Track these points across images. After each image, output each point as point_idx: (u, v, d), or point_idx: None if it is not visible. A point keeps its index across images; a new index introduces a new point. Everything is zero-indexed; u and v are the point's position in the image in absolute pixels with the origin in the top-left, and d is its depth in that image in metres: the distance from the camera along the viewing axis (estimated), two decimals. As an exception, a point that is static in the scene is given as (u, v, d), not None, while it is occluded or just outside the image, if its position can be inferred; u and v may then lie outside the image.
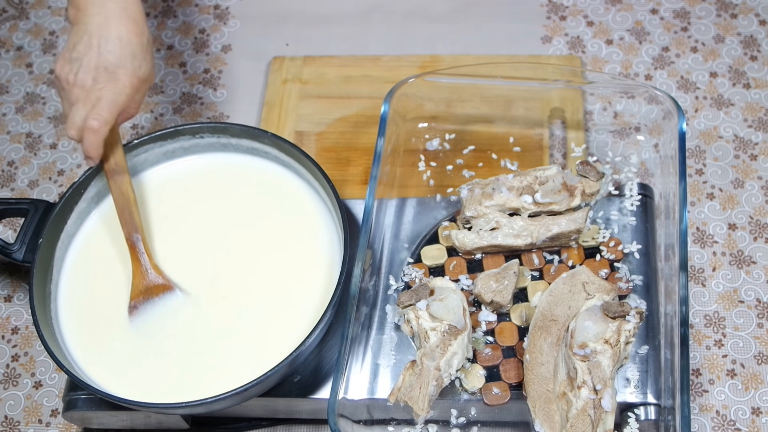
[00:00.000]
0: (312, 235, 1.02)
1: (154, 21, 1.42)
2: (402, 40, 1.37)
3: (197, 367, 0.95)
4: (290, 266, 1.00)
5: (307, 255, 1.01)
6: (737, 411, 1.04)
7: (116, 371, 0.95)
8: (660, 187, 1.05)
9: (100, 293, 1.01)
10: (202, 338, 0.97)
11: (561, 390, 0.89)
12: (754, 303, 1.11)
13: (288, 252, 1.01)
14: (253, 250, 1.02)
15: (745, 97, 1.27)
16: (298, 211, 1.04)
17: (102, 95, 0.95)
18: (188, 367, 0.95)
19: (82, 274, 1.03)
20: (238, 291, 0.99)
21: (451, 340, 0.92)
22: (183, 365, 0.95)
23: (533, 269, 1.01)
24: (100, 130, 0.95)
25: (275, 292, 0.99)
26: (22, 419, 1.10)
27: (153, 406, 0.89)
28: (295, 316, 0.96)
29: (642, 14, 1.36)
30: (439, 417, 0.94)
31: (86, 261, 1.03)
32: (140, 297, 0.98)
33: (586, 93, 1.23)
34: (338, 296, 0.92)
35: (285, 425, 1.07)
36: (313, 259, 1.00)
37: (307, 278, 0.99)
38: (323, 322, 0.91)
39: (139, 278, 0.99)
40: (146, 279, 0.99)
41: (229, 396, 0.88)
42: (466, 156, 1.13)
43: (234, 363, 0.94)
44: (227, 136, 1.07)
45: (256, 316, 0.97)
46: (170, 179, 1.08)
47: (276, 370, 0.88)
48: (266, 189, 1.06)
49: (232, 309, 0.98)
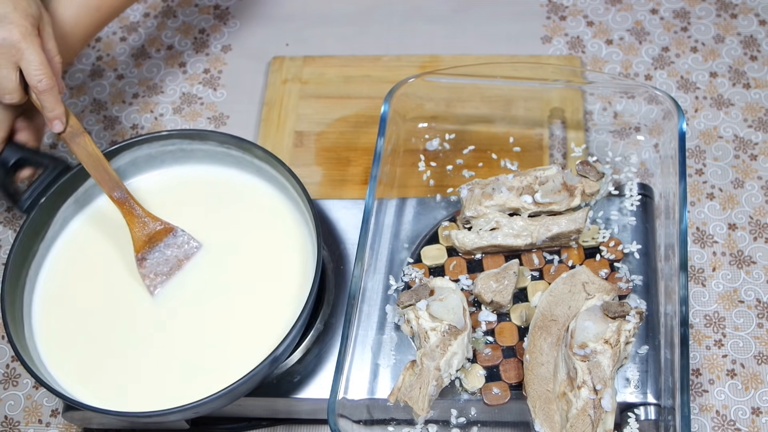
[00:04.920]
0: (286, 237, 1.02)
1: (155, 21, 1.42)
2: (402, 40, 1.37)
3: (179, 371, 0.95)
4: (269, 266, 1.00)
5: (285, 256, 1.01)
6: (737, 411, 1.04)
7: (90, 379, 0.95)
8: (660, 187, 1.05)
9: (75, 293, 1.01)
10: (183, 343, 0.96)
11: (561, 390, 0.89)
12: (754, 303, 1.11)
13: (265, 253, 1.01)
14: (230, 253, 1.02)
15: (745, 97, 1.27)
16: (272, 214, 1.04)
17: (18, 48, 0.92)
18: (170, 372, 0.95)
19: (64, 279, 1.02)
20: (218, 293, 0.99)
21: (451, 340, 0.92)
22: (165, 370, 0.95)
23: (533, 269, 1.01)
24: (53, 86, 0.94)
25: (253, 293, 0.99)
26: (22, 419, 1.10)
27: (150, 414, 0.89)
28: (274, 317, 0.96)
29: (642, 14, 1.36)
30: (439, 417, 0.94)
31: (69, 267, 1.03)
32: (145, 247, 0.99)
33: (586, 93, 1.23)
34: (314, 296, 0.92)
35: (285, 425, 1.07)
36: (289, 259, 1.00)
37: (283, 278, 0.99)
38: (301, 320, 0.91)
39: (138, 229, 0.99)
40: (147, 227, 1.00)
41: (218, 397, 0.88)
42: (466, 156, 1.13)
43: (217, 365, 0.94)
44: (190, 141, 1.07)
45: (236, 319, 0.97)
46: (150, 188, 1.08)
47: (258, 370, 0.88)
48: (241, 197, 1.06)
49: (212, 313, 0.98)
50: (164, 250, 1.00)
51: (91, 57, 1.39)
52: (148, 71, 1.37)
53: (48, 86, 0.94)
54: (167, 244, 1.01)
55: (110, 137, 1.31)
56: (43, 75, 0.94)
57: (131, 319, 0.99)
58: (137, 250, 1.00)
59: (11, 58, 0.93)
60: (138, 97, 1.34)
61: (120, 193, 1.00)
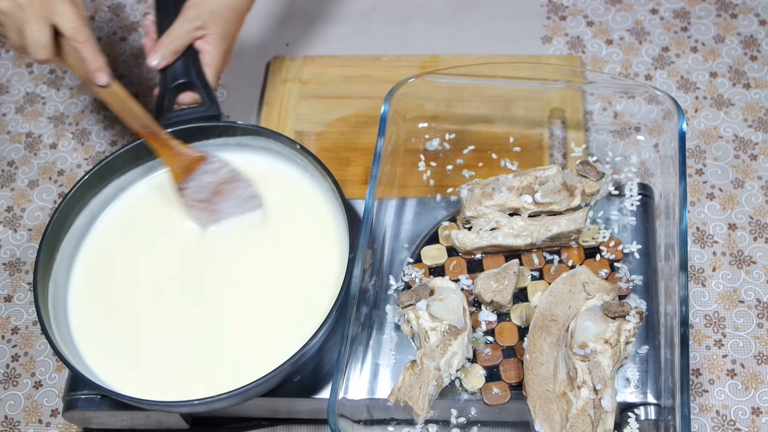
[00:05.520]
0: (317, 236, 1.02)
1: (154, 21, 1.42)
2: (402, 40, 1.37)
3: (198, 366, 0.95)
4: (294, 266, 1.00)
5: (312, 255, 1.01)
6: (737, 411, 1.04)
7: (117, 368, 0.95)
8: (660, 187, 1.05)
9: (112, 284, 1.01)
10: (204, 338, 0.96)
11: (561, 390, 0.89)
12: (754, 303, 1.11)
13: (292, 251, 1.01)
14: (256, 248, 1.02)
15: (745, 97, 1.27)
16: (304, 210, 1.04)
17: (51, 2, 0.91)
18: (189, 366, 0.95)
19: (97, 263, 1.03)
20: (241, 289, 0.99)
21: (451, 340, 0.92)
22: (184, 364, 0.95)
23: (533, 269, 1.01)
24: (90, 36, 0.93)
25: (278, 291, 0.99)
26: (22, 419, 1.10)
27: (156, 404, 0.89)
28: (299, 316, 0.96)
29: (642, 14, 1.36)
30: (439, 417, 0.94)
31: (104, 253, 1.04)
32: (183, 176, 1.01)
33: (586, 93, 1.23)
34: (342, 297, 0.92)
35: (285, 425, 1.07)
36: (317, 259, 1.00)
37: (310, 278, 0.99)
38: (327, 323, 0.91)
39: (174, 161, 1.01)
40: (182, 158, 1.01)
41: (232, 395, 0.88)
42: (466, 156, 1.13)
43: (237, 362, 0.94)
44: (235, 136, 1.08)
45: (258, 316, 0.97)
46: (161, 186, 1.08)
47: (280, 370, 0.88)
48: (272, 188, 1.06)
49: (235, 308, 0.98)
50: (201, 177, 1.02)
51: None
52: (148, 71, 1.37)
53: (86, 36, 0.93)
54: (203, 171, 1.02)
55: (110, 137, 1.31)
56: (80, 25, 0.93)
57: (158, 303, 0.99)
58: (177, 181, 1.02)
59: (42, 13, 0.92)
60: (138, 97, 1.34)
61: (150, 127, 1.01)
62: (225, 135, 1.07)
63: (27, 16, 0.92)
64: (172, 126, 1.05)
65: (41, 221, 1.25)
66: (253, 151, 1.08)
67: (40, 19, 0.92)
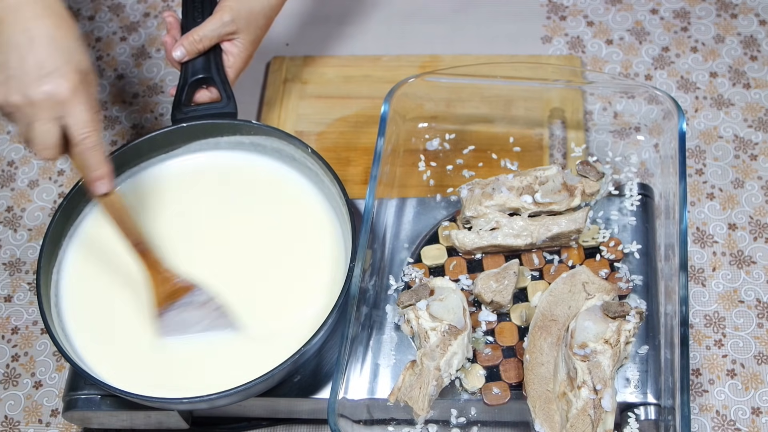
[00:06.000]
0: (317, 234, 1.02)
1: (154, 21, 1.42)
2: (402, 40, 1.37)
3: (199, 363, 0.95)
4: (294, 265, 1.00)
5: (312, 254, 1.01)
6: (737, 411, 1.04)
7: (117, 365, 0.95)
8: (660, 187, 1.05)
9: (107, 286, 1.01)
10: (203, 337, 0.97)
11: (561, 390, 0.89)
12: (754, 303, 1.11)
13: (292, 250, 1.01)
14: (256, 247, 1.02)
15: (745, 97, 1.27)
16: (302, 209, 1.04)
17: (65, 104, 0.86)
18: (190, 364, 0.95)
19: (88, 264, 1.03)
20: (241, 289, 0.99)
21: (451, 340, 0.92)
22: (184, 363, 0.95)
23: (533, 269, 1.01)
24: (98, 143, 0.89)
25: (279, 290, 0.99)
26: (22, 419, 1.10)
27: (157, 400, 0.89)
28: (299, 315, 0.96)
29: (642, 14, 1.36)
30: (439, 417, 0.94)
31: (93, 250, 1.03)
32: (165, 302, 0.95)
33: (586, 93, 1.23)
34: (344, 296, 0.92)
35: (285, 425, 1.07)
36: (317, 257, 1.00)
37: (311, 277, 0.99)
38: (327, 323, 0.91)
39: (160, 284, 0.95)
40: (169, 283, 0.96)
41: (233, 393, 0.88)
42: (466, 156, 1.13)
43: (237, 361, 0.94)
44: (249, 135, 1.08)
45: (259, 314, 0.98)
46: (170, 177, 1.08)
47: (280, 369, 0.88)
48: (270, 187, 1.06)
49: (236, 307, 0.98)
50: (184, 310, 0.96)
51: (91, 57, 1.39)
52: (148, 71, 1.37)
53: (94, 143, 0.88)
54: (188, 302, 0.96)
55: (110, 137, 1.31)
56: (91, 131, 0.88)
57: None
58: (157, 305, 0.96)
59: (55, 113, 0.87)
60: (138, 97, 1.34)
61: (145, 245, 0.96)
62: (239, 133, 1.07)
63: (38, 114, 0.86)
64: (188, 120, 1.06)
65: (41, 221, 1.25)
66: (263, 151, 1.08)
67: (50, 120, 0.87)
